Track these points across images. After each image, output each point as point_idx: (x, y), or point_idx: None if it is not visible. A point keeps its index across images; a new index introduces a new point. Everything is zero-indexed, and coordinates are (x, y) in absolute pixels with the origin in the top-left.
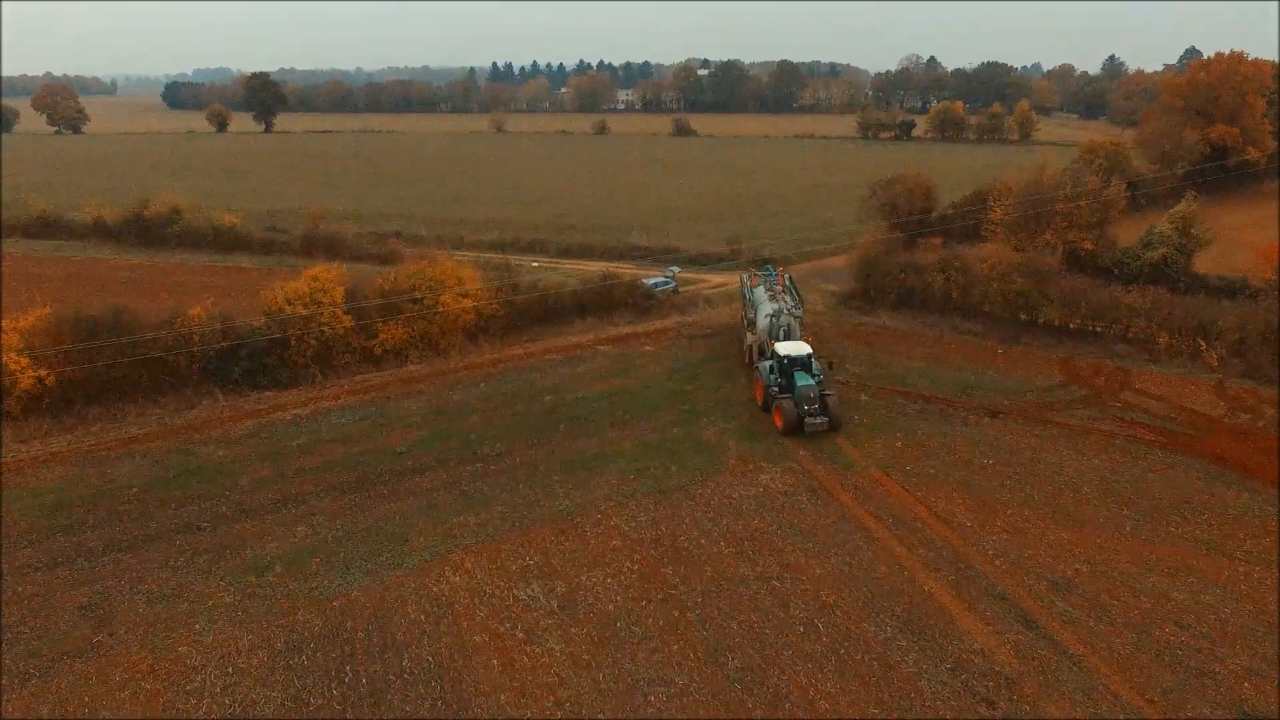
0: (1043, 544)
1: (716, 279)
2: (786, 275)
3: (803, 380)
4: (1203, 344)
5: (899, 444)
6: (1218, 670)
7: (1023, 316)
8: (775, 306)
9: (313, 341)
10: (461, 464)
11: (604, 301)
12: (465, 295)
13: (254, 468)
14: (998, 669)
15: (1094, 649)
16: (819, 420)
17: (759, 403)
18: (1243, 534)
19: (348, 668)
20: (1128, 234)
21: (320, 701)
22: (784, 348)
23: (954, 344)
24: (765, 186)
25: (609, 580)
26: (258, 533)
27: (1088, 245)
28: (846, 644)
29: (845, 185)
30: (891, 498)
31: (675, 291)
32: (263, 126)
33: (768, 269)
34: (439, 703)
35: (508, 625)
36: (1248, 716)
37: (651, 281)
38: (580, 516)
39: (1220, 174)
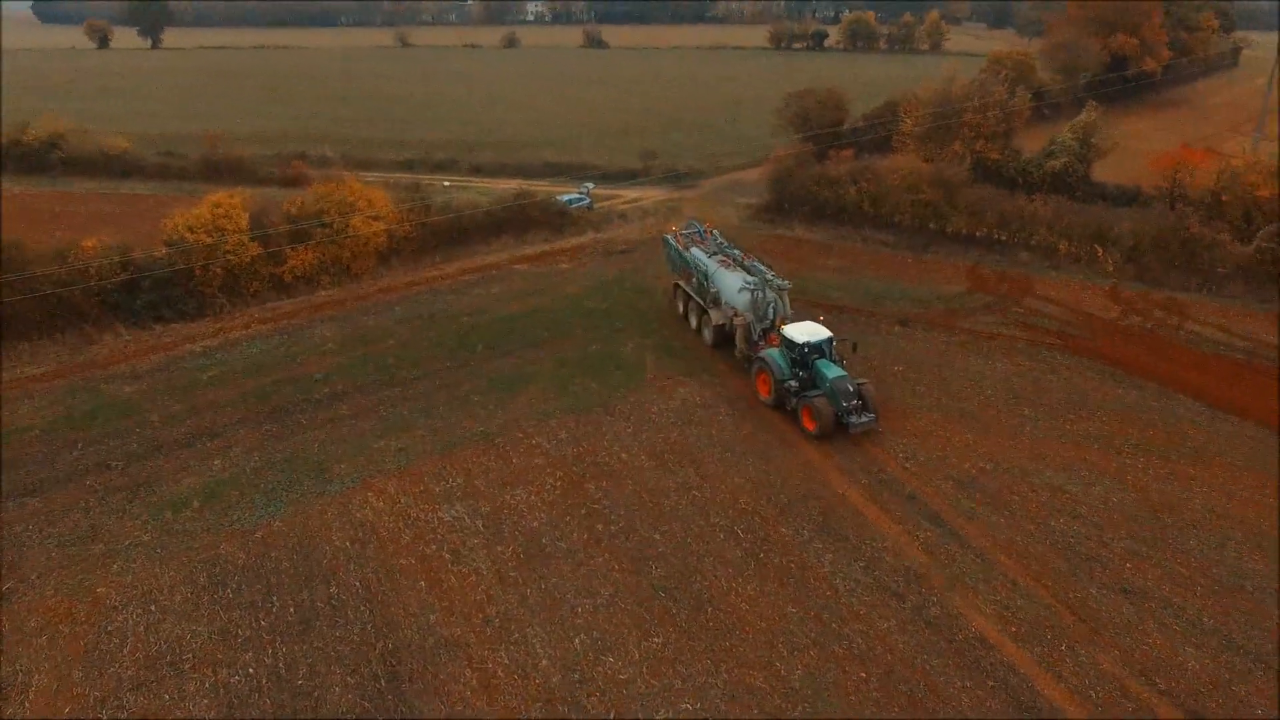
0: (950, 445)
1: (631, 194)
2: (714, 231)
3: (832, 371)
4: (1099, 250)
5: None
6: (1104, 554)
7: (932, 226)
8: (743, 278)
9: (219, 270)
10: (380, 389)
11: (518, 220)
12: (376, 218)
13: (164, 403)
14: (908, 564)
15: (995, 541)
16: (864, 419)
17: (762, 398)
18: (1130, 428)
19: (274, 598)
20: (1032, 144)
21: (248, 634)
22: (798, 332)
23: (866, 254)
24: (678, 100)
25: (533, 498)
26: (173, 468)
27: (994, 155)
28: (765, 547)
29: (758, 98)
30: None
31: (590, 208)
32: (149, 43)
33: (693, 224)
34: (368, 626)
35: (434, 547)
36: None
37: (566, 199)
38: (502, 436)
39: (1120, 84)
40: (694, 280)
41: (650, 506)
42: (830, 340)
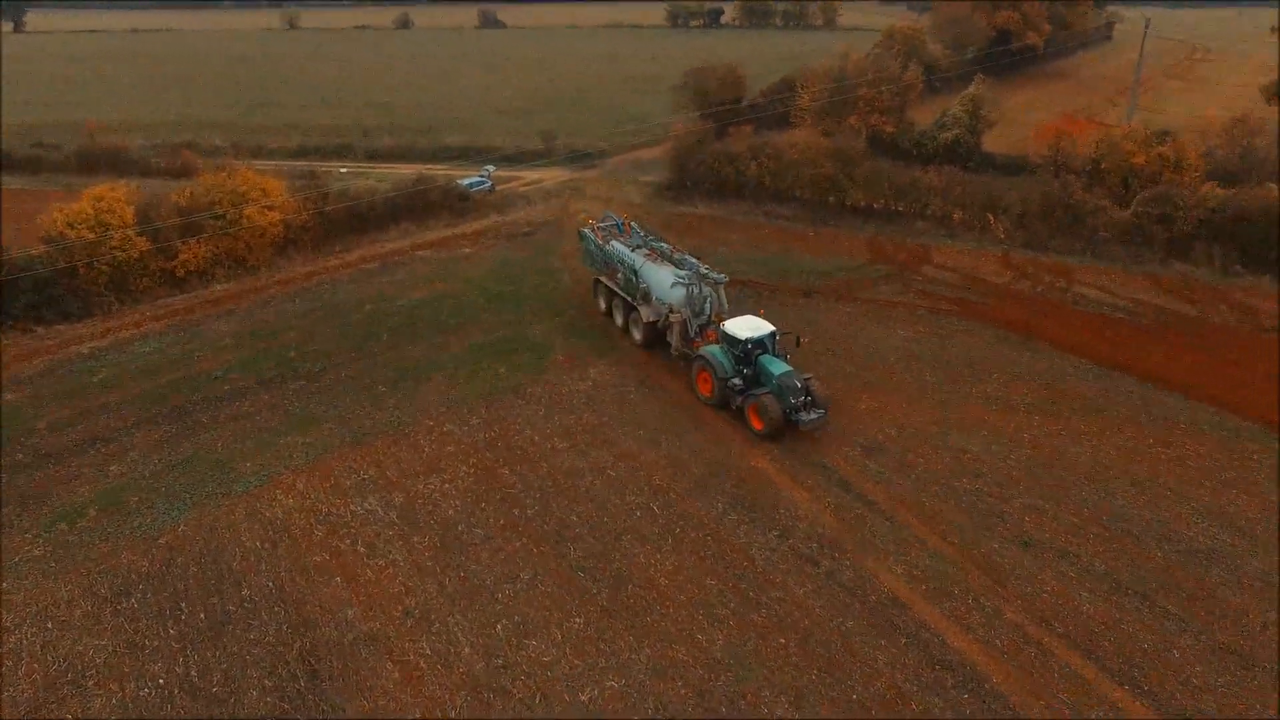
0: (856, 413)
1: (533, 175)
2: (633, 223)
3: (777, 367)
4: (991, 218)
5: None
6: (1005, 510)
7: (831, 200)
8: (674, 273)
9: (105, 267)
10: (283, 383)
11: (419, 205)
12: (271, 207)
13: (51, 409)
14: (820, 531)
15: (903, 504)
16: (814, 416)
17: (703, 397)
18: (1025, 388)
19: (183, 605)
20: (924, 116)
21: (157, 644)
22: (740, 328)
23: (768, 229)
24: (577, 79)
25: (447, 486)
26: (64, 477)
27: (889, 128)
28: (681, 523)
29: (656, 75)
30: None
31: (492, 191)
32: (11, 26)
33: (609, 216)
34: (284, 627)
35: (348, 541)
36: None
37: (467, 182)
38: (412, 425)
39: (1005, 58)
40: (619, 276)
41: (566, 488)
42: (774, 335)
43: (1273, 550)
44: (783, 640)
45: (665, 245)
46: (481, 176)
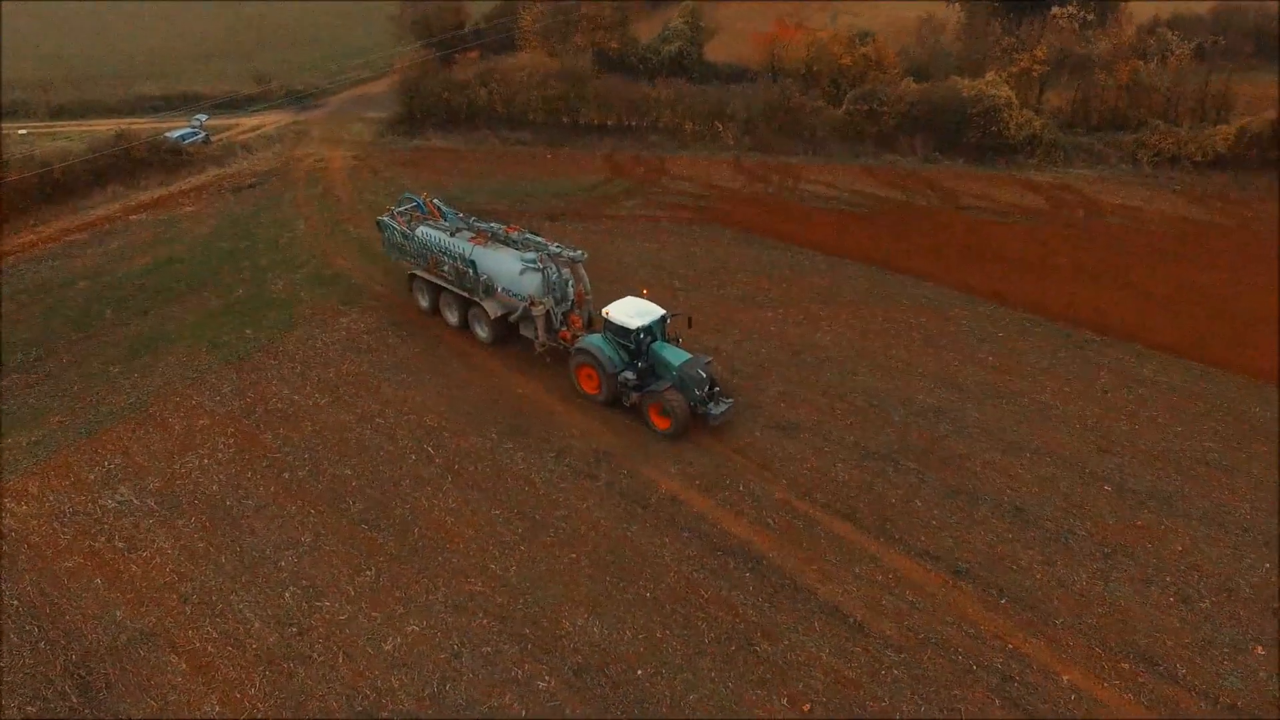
0: None
1: (251, 122)
2: (436, 201)
3: (675, 355)
4: (720, 126)
5: None
6: (761, 400)
7: (565, 120)
8: (520, 257)
9: None
10: None
11: (125, 165)
12: None
13: None
14: (595, 447)
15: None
16: (723, 407)
17: (588, 395)
18: (767, 283)
19: None
20: (648, 31)
21: None
22: (627, 314)
23: (506, 155)
24: (285, 12)
25: (206, 461)
26: None
27: (614, 45)
28: (458, 459)
29: (371, 6)
30: None
31: (207, 142)
32: None
33: (409, 197)
34: (41, 644)
35: (102, 539)
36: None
37: (177, 134)
38: (156, 404)
39: None
40: (446, 268)
41: (335, 443)
42: (664, 318)
43: (986, 400)
44: (573, 555)
45: (496, 225)
46: (193, 127)
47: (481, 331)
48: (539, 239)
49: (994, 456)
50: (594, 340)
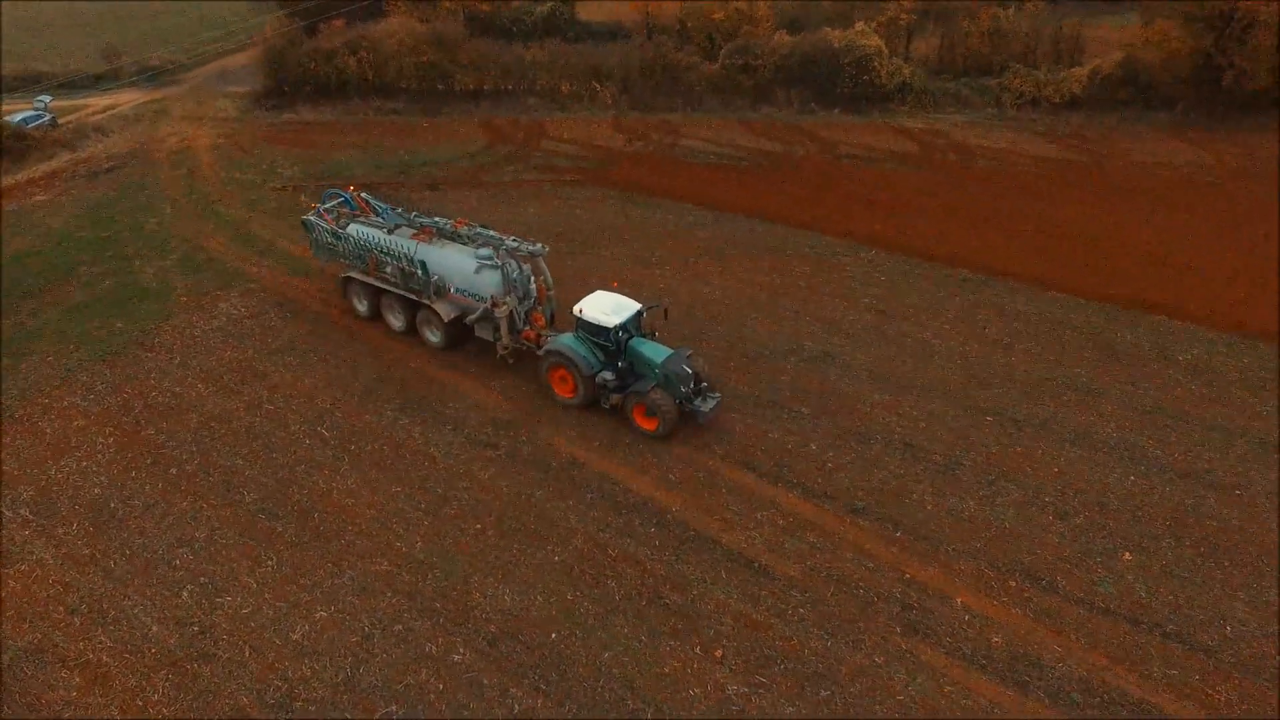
0: None
1: (103, 102)
2: (364, 194)
3: (656, 351)
4: (597, 86)
5: None
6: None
7: (440, 87)
8: (474, 253)
9: None
10: None
11: None
12: None
13: None
14: (493, 415)
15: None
16: (711, 401)
17: (564, 400)
18: (653, 242)
19: None
20: None
21: None
22: (601, 311)
23: (381, 126)
24: None
25: (84, 464)
26: None
27: (484, 7)
28: (354, 439)
29: None
30: None
31: (54, 125)
32: None
33: (335, 193)
34: None
35: None
36: None
37: (19, 118)
38: (23, 409)
39: None
40: (389, 270)
41: (223, 434)
42: (639, 312)
43: (873, 343)
44: (479, 525)
45: (440, 219)
46: (36, 110)
47: (433, 336)
48: (492, 233)
49: (883, 397)
50: (566, 340)
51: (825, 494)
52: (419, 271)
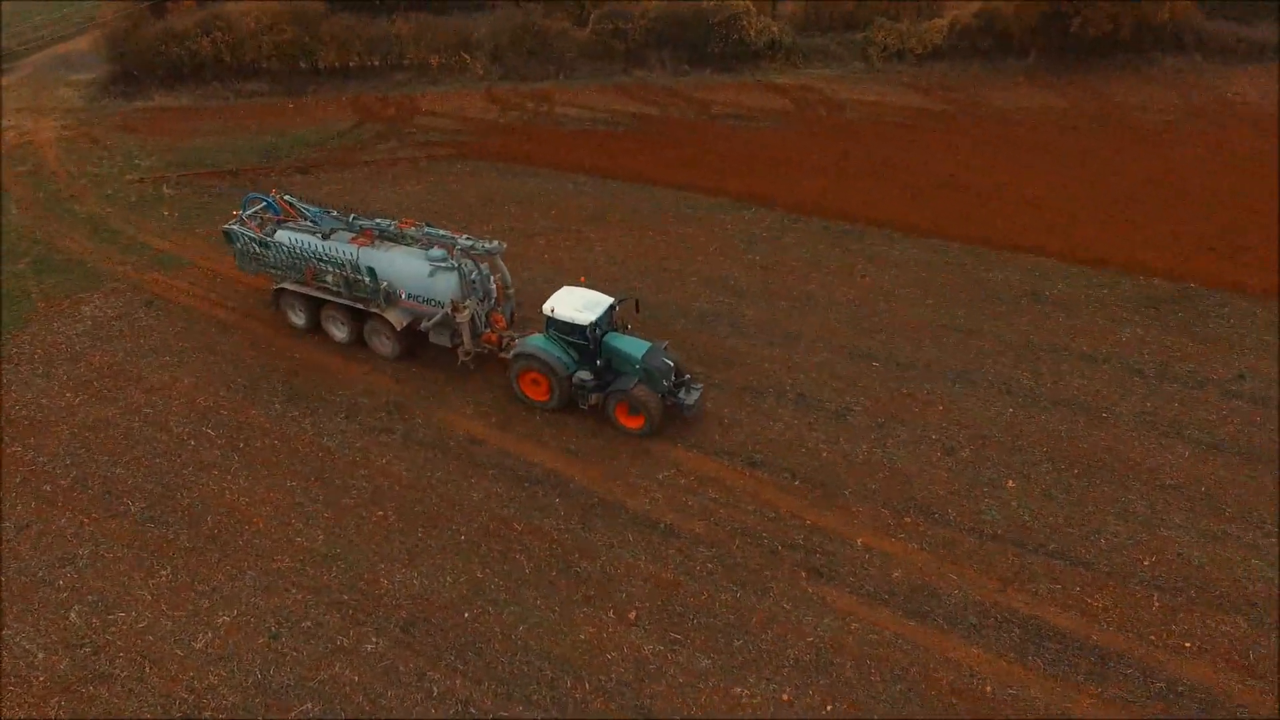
0: None
1: None
2: (289, 197)
3: (635, 346)
4: (467, 57)
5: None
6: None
7: (304, 66)
8: (425, 255)
9: None
10: None
11: None
12: None
13: None
14: (386, 400)
15: (450, 352)
16: (695, 393)
17: (539, 403)
18: (537, 213)
19: None
20: None
21: None
22: (574, 308)
23: (242, 109)
24: None
25: None
26: None
27: None
28: (242, 436)
29: None
30: (233, 280)
31: None
32: None
33: (255, 198)
34: None
35: None
36: None
37: None
38: None
39: None
40: (330, 278)
41: (100, 443)
42: (612, 306)
43: (759, 299)
44: (380, 512)
45: (382, 220)
46: None
47: (384, 347)
48: (443, 232)
49: (772, 351)
50: (536, 341)
51: (724, 450)
52: (366, 279)
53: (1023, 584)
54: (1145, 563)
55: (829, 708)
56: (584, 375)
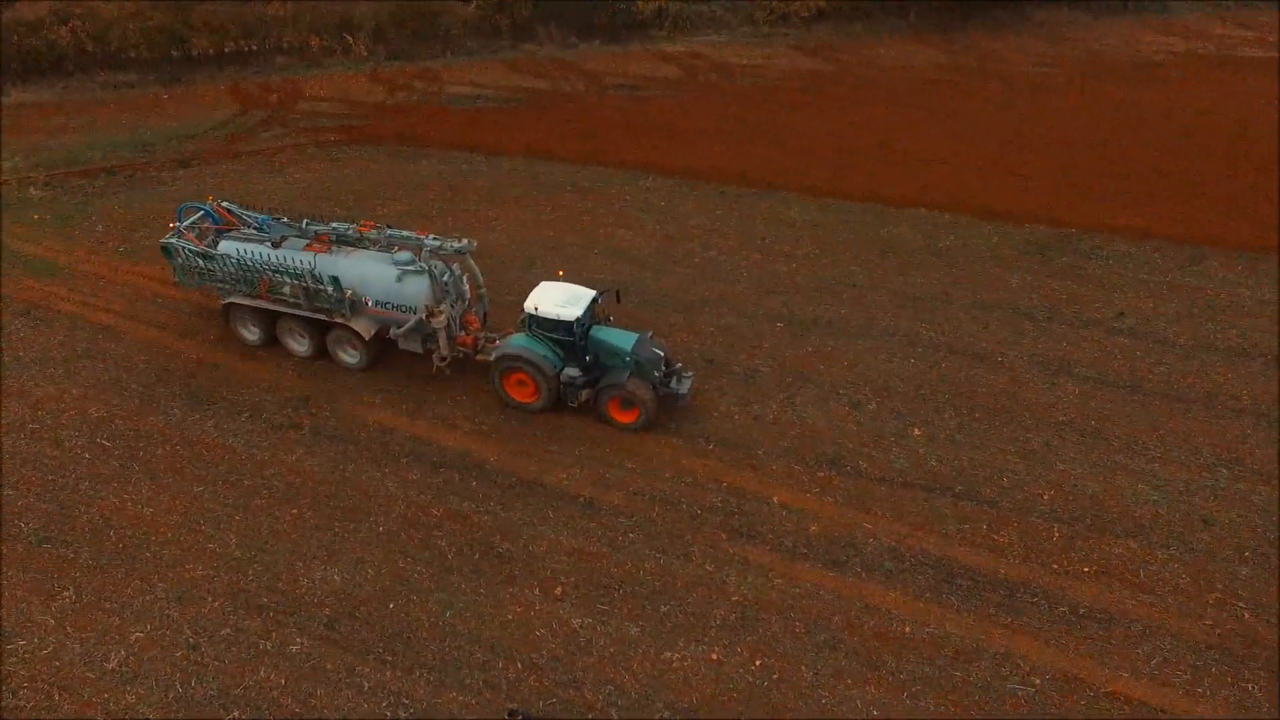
0: None
1: None
2: (225, 203)
3: (623, 339)
4: (349, 38)
5: (99, 227)
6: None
7: (176, 53)
8: (391, 259)
9: None
10: None
11: None
12: None
13: None
14: (290, 395)
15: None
16: (685, 386)
17: (526, 405)
18: (430, 196)
19: None
20: None
21: None
22: (556, 306)
23: (112, 102)
24: None
25: None
26: None
27: None
28: (141, 445)
29: None
30: (117, 283)
31: None
32: None
33: (191, 206)
34: None
35: None
36: None
37: None
38: None
39: None
40: (286, 290)
41: None
42: (595, 299)
43: (662, 267)
44: (294, 510)
45: (339, 224)
46: None
47: (350, 357)
48: (408, 234)
49: (679, 317)
50: (519, 341)
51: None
52: (329, 288)
53: (933, 526)
54: (1045, 497)
55: (758, 663)
56: (572, 372)
